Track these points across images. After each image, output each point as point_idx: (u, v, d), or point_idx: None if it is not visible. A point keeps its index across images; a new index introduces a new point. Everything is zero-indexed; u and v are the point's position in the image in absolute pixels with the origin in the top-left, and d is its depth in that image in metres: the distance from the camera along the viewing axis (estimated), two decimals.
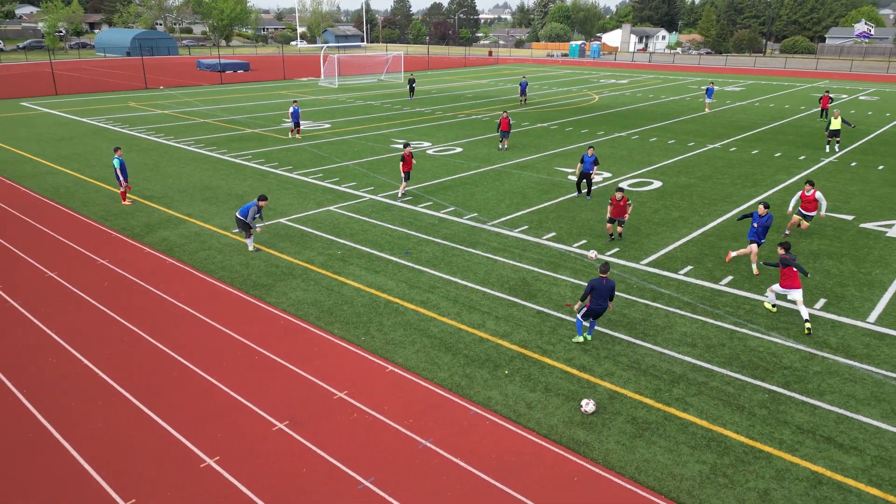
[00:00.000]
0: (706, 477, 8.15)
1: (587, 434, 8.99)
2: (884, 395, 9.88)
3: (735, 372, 10.55)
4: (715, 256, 15.62)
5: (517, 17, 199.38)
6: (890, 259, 15.44)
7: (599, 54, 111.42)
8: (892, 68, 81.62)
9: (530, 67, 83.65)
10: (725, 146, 29.53)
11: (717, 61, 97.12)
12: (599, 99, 48.08)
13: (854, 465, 8.35)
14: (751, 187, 22.06)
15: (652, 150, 28.46)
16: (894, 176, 23.58)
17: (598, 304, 11.14)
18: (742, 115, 39.31)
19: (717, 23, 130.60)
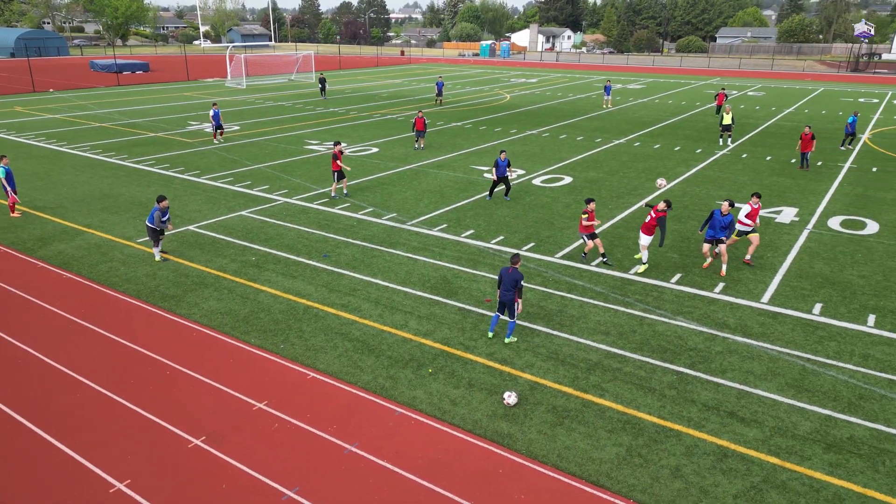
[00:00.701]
0: (623, 458, 8.52)
1: (510, 426, 9.18)
2: (778, 369, 10.68)
3: (646, 356, 11.08)
4: (624, 247, 16.33)
5: (428, 17, 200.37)
6: (779, 243, 16.69)
7: (509, 54, 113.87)
8: (776, 65, 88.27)
9: (443, 67, 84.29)
10: (630, 141, 30.93)
11: (619, 60, 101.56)
12: (511, 98, 49.13)
13: (755, 436, 8.98)
14: (653, 180, 23.21)
15: (562, 147, 29.40)
16: (781, 166, 25.51)
17: (502, 294, 11.24)
18: (644, 112, 41.31)
19: (617, 23, 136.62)
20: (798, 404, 9.68)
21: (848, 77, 70.55)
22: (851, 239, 16.95)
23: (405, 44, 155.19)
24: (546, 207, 19.77)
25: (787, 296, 13.48)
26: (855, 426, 9.16)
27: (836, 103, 45.72)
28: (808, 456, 8.55)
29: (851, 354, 11.10)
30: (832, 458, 8.51)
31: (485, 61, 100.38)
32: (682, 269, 14.90)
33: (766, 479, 8.14)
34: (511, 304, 11.20)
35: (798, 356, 11.06)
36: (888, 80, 67.00)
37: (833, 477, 8.16)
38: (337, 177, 20.36)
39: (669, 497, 7.83)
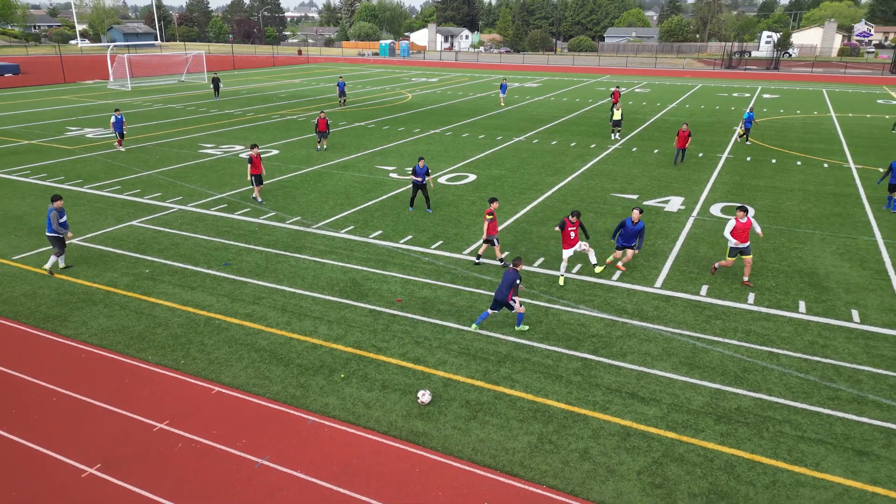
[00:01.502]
0: (535, 446, 8.78)
1: (425, 424, 9.22)
2: (672, 349, 11.38)
3: (552, 345, 11.47)
4: (528, 241, 16.81)
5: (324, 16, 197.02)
6: (668, 230, 17.78)
7: (409, 53, 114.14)
8: (659, 63, 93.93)
9: (343, 66, 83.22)
10: (529, 138, 31.88)
11: (516, 59, 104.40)
12: (413, 97, 49.28)
13: (654, 414, 9.53)
14: (553, 175, 24.07)
15: (465, 146, 29.84)
16: (667, 158, 27.18)
17: (497, 292, 11.57)
18: (541, 109, 42.71)
19: (512, 23, 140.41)
20: (691, 381, 10.37)
21: (723, 73, 76.27)
22: None
23: (302, 43, 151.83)
24: (452, 205, 19.99)
25: (678, 280, 14.39)
26: (741, 397, 9.93)
27: (714, 98, 49.29)
28: (701, 428, 9.18)
29: (735, 331, 12.02)
30: (723, 428, 9.18)
31: (385, 61, 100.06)
32: (582, 259, 15.53)
33: (666, 453, 8.66)
34: (505, 302, 11.50)
35: (689, 335, 11.84)
36: (757, 75, 73.08)
37: (724, 446, 8.81)
38: (254, 181, 19.66)
39: (579, 479, 8.15)
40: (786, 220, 18.59)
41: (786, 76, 72.42)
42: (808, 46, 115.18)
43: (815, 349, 11.32)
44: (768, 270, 14.88)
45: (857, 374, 10.52)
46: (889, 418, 9.36)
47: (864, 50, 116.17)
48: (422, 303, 13.11)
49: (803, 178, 23.76)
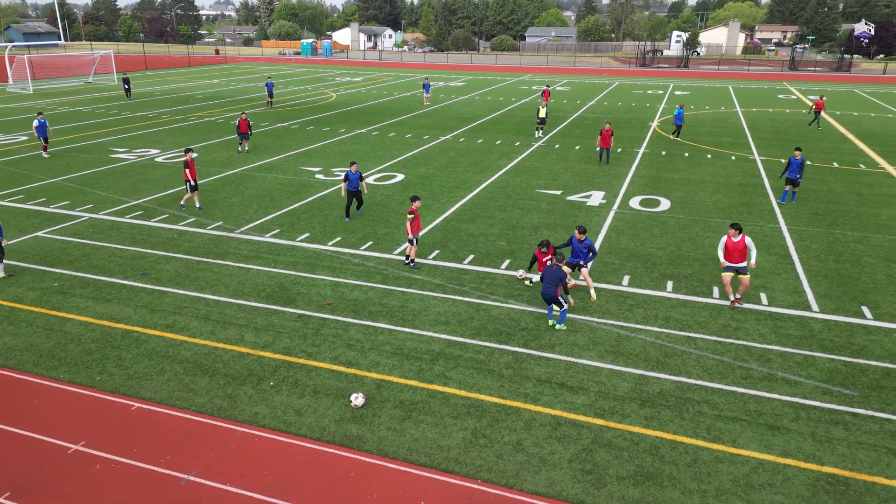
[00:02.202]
0: (469, 441, 8.86)
1: (359, 427, 9.12)
2: (598, 339, 11.76)
3: (484, 341, 11.61)
4: (457, 239, 16.93)
5: (242, 14, 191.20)
6: (591, 224, 18.34)
7: (332, 52, 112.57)
8: (577, 62, 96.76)
9: (263, 66, 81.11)
10: (455, 137, 32.12)
11: (440, 58, 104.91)
12: (337, 97, 48.64)
13: (583, 402, 9.81)
14: (480, 173, 24.35)
15: (392, 145, 29.72)
16: (588, 154, 28.04)
17: (544, 289, 11.79)
18: (466, 108, 43.11)
19: (435, 23, 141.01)
20: (616, 368, 10.74)
21: (637, 72, 79.42)
22: (649, 216, 19.13)
23: (219, 42, 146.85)
24: (381, 206, 19.87)
25: (601, 271, 14.87)
26: (663, 381, 10.37)
27: (630, 96, 51.24)
28: (627, 413, 9.53)
29: (656, 318, 12.55)
30: (647, 412, 9.57)
31: (307, 60, 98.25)
32: (511, 255, 15.80)
33: (595, 440, 8.94)
34: (554, 298, 11.74)
35: (613, 324, 12.26)
36: (669, 73, 76.56)
37: (649, 429, 9.18)
38: (189, 188, 18.75)
39: (513, 471, 8.29)
40: (699, 211, 19.56)
41: (695, 74, 76.22)
42: (715, 45, 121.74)
43: (729, 332, 11.98)
44: (684, 259, 15.62)
45: (766, 354, 11.20)
46: (796, 393, 10.03)
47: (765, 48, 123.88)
48: (353, 305, 12.97)
49: (713, 170, 25.07)
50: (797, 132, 33.87)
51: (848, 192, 21.81)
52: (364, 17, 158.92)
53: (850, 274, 14.69)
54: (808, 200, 20.68)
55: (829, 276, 14.54)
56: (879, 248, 16.40)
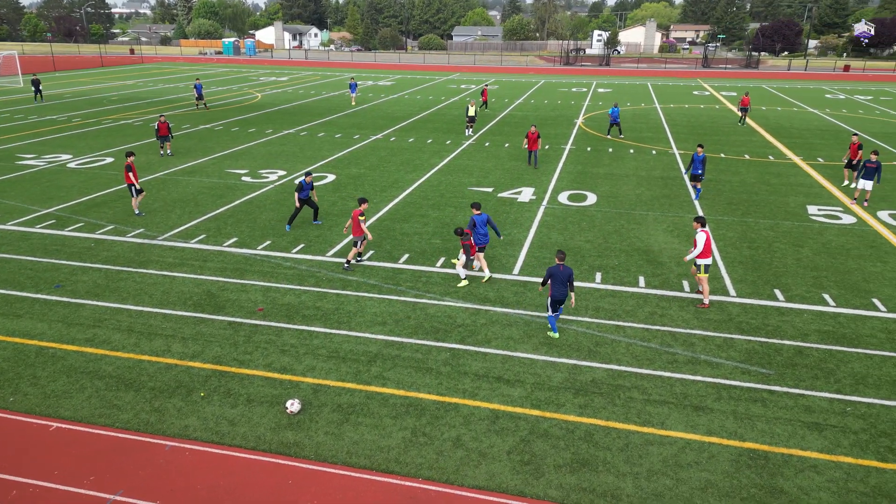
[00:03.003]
0: (409, 441, 8.85)
1: (296, 434, 8.95)
2: (532, 331, 11.99)
3: (421, 339, 11.62)
4: (391, 239, 16.86)
5: (158, 12, 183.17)
6: (522, 220, 18.69)
7: (255, 52, 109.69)
8: (504, 61, 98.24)
9: (183, 66, 78.11)
10: (386, 136, 31.97)
11: (367, 57, 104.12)
12: (262, 97, 47.44)
13: (519, 394, 9.99)
14: (412, 172, 24.34)
15: (322, 145, 29.27)
16: (517, 152, 28.52)
17: (557, 291, 11.32)
18: (396, 108, 42.99)
19: (362, 21, 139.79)
20: (550, 359, 10.99)
21: (562, 70, 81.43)
22: (577, 210, 19.66)
23: (134, 42, 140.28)
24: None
25: (534, 265, 15.18)
26: (595, 370, 10.70)
27: (556, 93, 52.47)
28: (562, 403, 9.77)
29: (587, 309, 12.91)
30: (580, 400, 9.84)
31: (230, 59, 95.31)
32: (445, 252, 15.88)
33: (532, 430, 9.12)
34: (565, 299, 11.38)
35: (546, 317, 12.53)
36: (592, 71, 78.90)
37: (583, 417, 9.45)
38: (134, 191, 18.11)
39: (454, 467, 8.35)
40: (623, 204, 20.27)
41: (616, 72, 78.88)
42: (634, 44, 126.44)
43: (655, 319, 12.48)
44: (611, 251, 16.14)
45: (690, 338, 11.74)
46: (718, 374, 10.56)
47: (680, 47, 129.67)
48: (285, 309, 12.69)
49: (636, 164, 26.03)
50: (712, 126, 35.63)
51: (759, 182, 23.13)
52: (288, 15, 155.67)
53: (762, 259, 15.59)
54: (723, 191, 21.80)
55: (744, 262, 15.38)
56: (788, 234, 17.48)
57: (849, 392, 10.04)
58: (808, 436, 9.02)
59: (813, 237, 17.17)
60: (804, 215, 19.16)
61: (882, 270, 14.87)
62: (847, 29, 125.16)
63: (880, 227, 17.98)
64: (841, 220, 18.62)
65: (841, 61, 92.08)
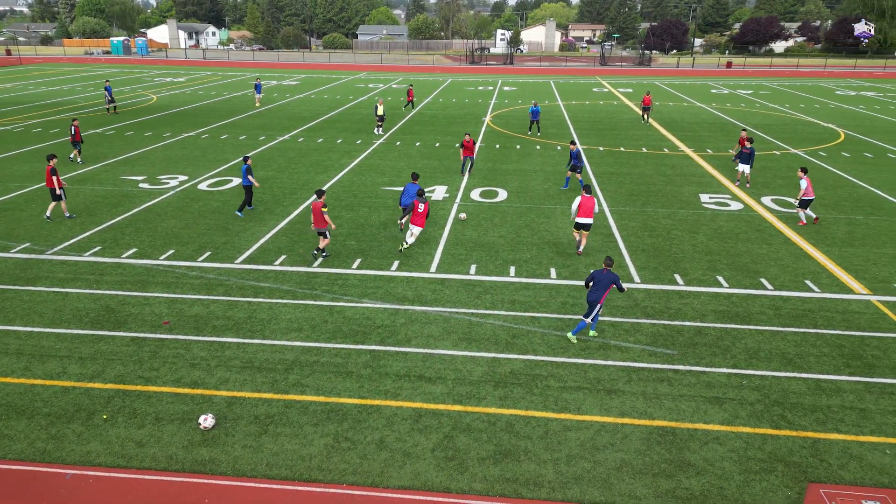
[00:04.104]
0: (331, 447, 8.70)
1: (211, 450, 8.57)
2: (451, 328, 12.10)
3: (340, 343, 11.45)
4: (304, 242, 16.48)
5: (37, 10, 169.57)
6: (437, 218, 18.79)
7: (148, 51, 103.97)
8: (411, 60, 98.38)
9: (68, 67, 72.80)
10: (294, 137, 31.20)
11: (270, 57, 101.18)
12: (158, 99, 45.03)
13: (441, 391, 10.05)
14: (323, 173, 23.90)
15: (225, 148, 28.16)
16: (429, 150, 28.66)
17: (591, 294, 11.27)
18: (303, 108, 42.05)
19: (262, 20, 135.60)
20: (470, 354, 11.14)
21: (468, 69, 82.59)
22: (490, 206, 20.01)
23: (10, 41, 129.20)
24: (218, 212, 18.77)
25: (450, 262, 15.31)
26: (513, 361, 10.94)
27: (463, 92, 53.13)
28: (483, 396, 9.92)
29: (503, 302, 13.18)
30: (500, 392, 10.04)
31: (120, 60, 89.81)
32: (361, 254, 15.71)
33: (455, 426, 9.21)
34: (598, 303, 11.26)
35: (464, 312, 12.69)
36: (497, 70, 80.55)
37: (503, 408, 9.64)
38: (54, 196, 16.97)
39: (378, 469, 8.28)
40: (533, 199, 20.84)
41: (520, 70, 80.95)
42: (536, 43, 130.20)
43: (567, 308, 12.92)
44: (523, 245, 16.55)
45: (600, 325, 12.24)
46: (627, 358, 11.08)
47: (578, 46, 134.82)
48: (193, 321, 12.12)
49: (542, 160, 26.82)
50: (611, 121, 37.30)
51: (656, 173, 24.46)
52: (182, 13, 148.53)
53: (662, 247, 16.50)
54: (623, 183, 22.87)
55: (646, 250, 16.22)
56: (684, 221, 18.59)
57: (744, 366, 10.83)
58: (710, 410, 9.64)
59: (706, 223, 18.35)
60: (697, 203, 20.44)
61: (768, 252, 16.13)
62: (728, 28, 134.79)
63: (764, 212, 19.49)
64: (730, 207, 20.02)
65: (724, 58, 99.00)
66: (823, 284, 14.13)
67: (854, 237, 17.21)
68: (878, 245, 16.61)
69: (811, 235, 17.32)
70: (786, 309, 12.94)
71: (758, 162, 25.97)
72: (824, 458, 8.58)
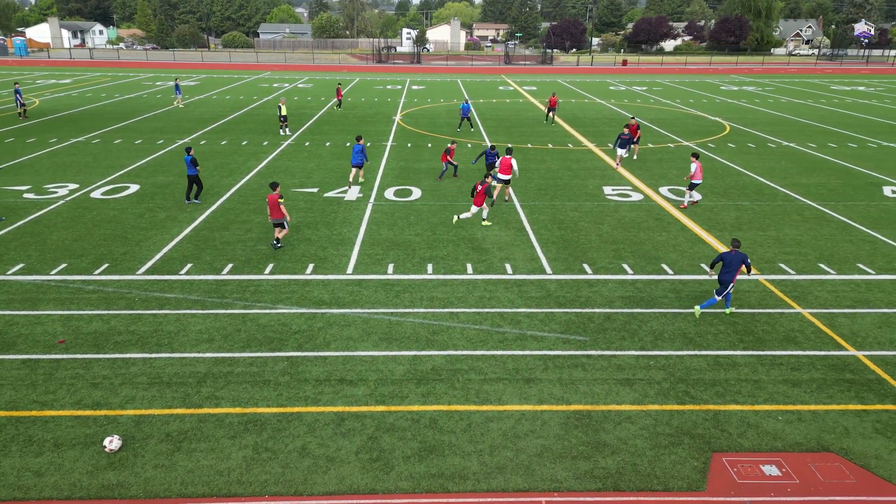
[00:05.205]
0: (251, 459, 8.42)
1: (119, 474, 8.07)
2: (370, 328, 12.01)
3: (255, 352, 11.09)
4: (212, 249, 15.83)
5: None
6: (352, 218, 18.59)
7: (27, 52, 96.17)
8: (316, 59, 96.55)
9: None
10: (195, 140, 29.86)
11: (165, 56, 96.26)
12: (41, 102, 41.76)
13: (363, 393, 9.97)
14: (228, 177, 23.03)
15: (120, 153, 26.54)
16: (339, 150, 28.26)
17: (724, 274, 12.10)
18: (204, 109, 40.32)
19: (155, 17, 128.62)
20: (391, 353, 11.11)
21: (375, 68, 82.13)
22: (404, 205, 20.02)
23: None
24: (115, 221, 17.68)
25: (367, 263, 15.19)
26: (434, 358, 11.01)
27: (372, 91, 52.78)
28: (405, 395, 9.93)
29: (422, 300, 13.23)
30: (423, 389, 10.08)
31: None
32: (273, 258, 15.29)
33: (379, 426, 9.16)
34: (730, 282, 12.09)
35: (384, 312, 12.64)
36: (404, 69, 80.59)
37: (426, 405, 9.69)
38: None
39: (301, 477, 8.11)
40: (447, 196, 21.04)
41: (427, 69, 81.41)
42: (441, 42, 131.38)
43: (484, 302, 13.16)
44: (439, 242, 16.68)
45: (516, 317, 12.56)
46: (543, 347, 11.43)
47: (483, 45, 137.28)
48: (93, 338, 11.36)
49: (455, 157, 27.10)
50: (517, 119, 38.25)
51: (562, 168, 25.33)
52: (65, 10, 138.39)
53: (571, 238, 17.12)
54: (532, 178, 23.54)
55: (556, 242, 16.78)
56: (590, 213, 19.38)
57: (650, 348, 11.44)
58: (621, 391, 10.12)
59: (610, 214, 19.22)
60: (601, 195, 21.37)
61: (667, 239, 17.11)
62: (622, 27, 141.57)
63: (662, 202, 20.65)
64: (631, 198, 21.06)
65: (620, 56, 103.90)
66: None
67: (742, 222, 18.58)
68: (762, 228, 18.02)
69: (704, 221, 18.54)
70: (685, 291, 13.79)
71: (654, 154, 27.50)
72: (725, 429, 9.23)
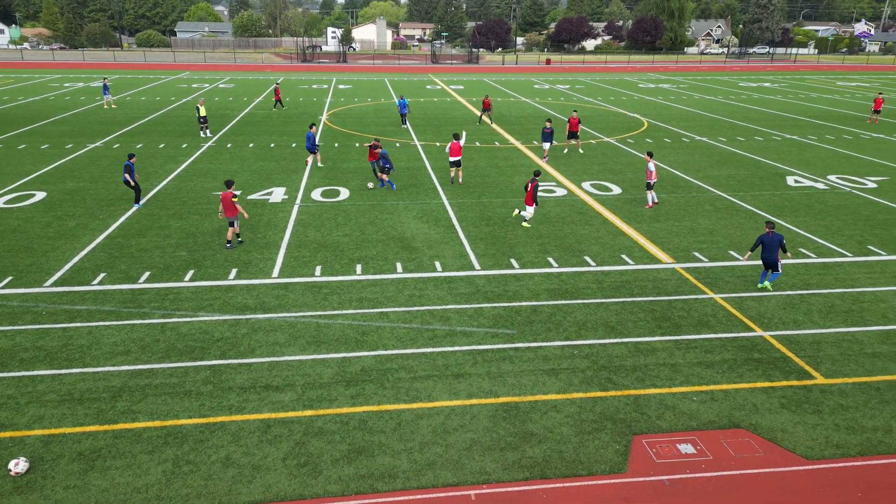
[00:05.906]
0: (171, 473, 8.10)
1: (26, 497, 7.59)
2: (298, 332, 11.79)
3: (175, 362, 10.67)
4: (127, 257, 15.11)
5: None
6: (277, 221, 18.17)
7: None
8: (238, 58, 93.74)
9: None
10: (108, 144, 28.42)
11: (74, 56, 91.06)
12: None
13: (290, 398, 9.77)
14: (145, 180, 22.03)
15: (24, 159, 24.92)
16: (263, 151, 27.56)
17: (766, 255, 13.34)
18: (117, 111, 38.42)
19: (62, 16, 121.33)
20: (319, 357, 10.94)
21: (300, 67, 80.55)
22: (332, 206, 19.75)
23: None
24: (19, 231, 16.60)
25: (293, 266, 14.89)
26: (364, 358, 10.93)
27: (297, 91, 51.73)
28: (334, 398, 9.81)
29: (350, 301, 13.10)
30: (352, 391, 9.98)
31: None
32: (194, 264, 14.76)
33: (307, 431, 9.00)
34: (775, 263, 13.32)
35: (311, 315, 12.43)
36: (330, 68, 79.47)
37: (356, 406, 9.60)
38: None
39: (226, 488, 7.87)
40: (373, 196, 20.91)
41: (354, 68, 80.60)
42: (368, 41, 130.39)
43: (414, 300, 13.16)
44: (368, 242, 16.56)
45: (446, 314, 12.63)
46: (472, 342, 11.55)
47: (410, 44, 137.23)
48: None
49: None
50: (445, 117, 38.45)
51: (489, 166, 25.66)
52: None
53: (498, 234, 17.38)
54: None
55: (485, 239, 16.99)
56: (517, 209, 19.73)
57: (574, 338, 11.77)
58: (547, 381, 10.36)
59: (536, 210, 19.62)
60: None
61: (589, 232, 17.63)
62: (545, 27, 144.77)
63: (585, 196, 21.27)
64: (556, 193, 21.59)
65: (543, 56, 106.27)
66: (636, 257, 15.77)
67: (659, 213, 19.39)
68: (678, 219, 18.86)
69: (625, 214, 19.23)
70: (607, 282, 14.26)
71: (577, 150, 28.27)
72: (644, 412, 9.61)
